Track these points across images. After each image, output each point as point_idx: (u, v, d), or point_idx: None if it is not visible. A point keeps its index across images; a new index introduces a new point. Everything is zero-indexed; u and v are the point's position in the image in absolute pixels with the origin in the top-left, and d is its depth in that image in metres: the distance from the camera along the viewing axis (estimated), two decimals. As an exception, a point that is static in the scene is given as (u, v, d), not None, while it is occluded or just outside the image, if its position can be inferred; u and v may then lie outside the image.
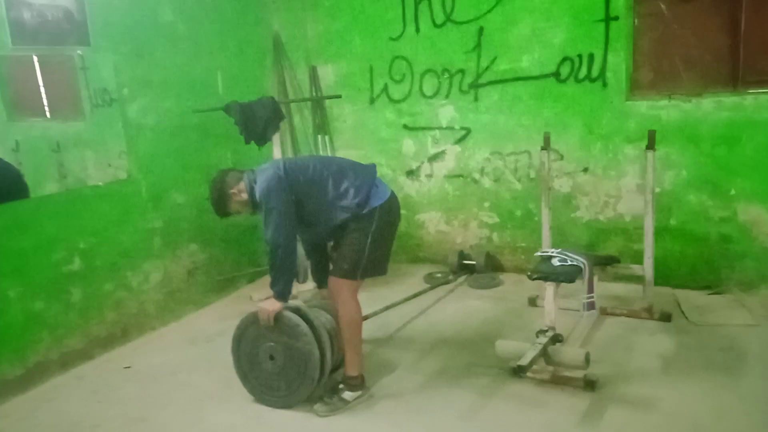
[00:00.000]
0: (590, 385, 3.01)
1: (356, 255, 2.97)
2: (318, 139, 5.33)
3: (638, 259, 3.88)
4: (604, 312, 3.91)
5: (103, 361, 3.78)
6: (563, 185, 4.57)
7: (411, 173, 5.19)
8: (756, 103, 3.94)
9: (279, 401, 3.05)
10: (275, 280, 2.93)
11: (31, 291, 3.49)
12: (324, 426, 2.89)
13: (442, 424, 2.85)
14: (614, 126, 4.34)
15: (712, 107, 4.05)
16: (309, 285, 4.10)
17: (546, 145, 3.97)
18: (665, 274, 4.16)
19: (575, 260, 3.29)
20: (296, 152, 5.46)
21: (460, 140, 4.93)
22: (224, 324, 3.93)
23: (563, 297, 3.41)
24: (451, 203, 5.10)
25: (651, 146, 3.66)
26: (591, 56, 4.32)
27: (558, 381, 3.09)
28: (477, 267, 4.86)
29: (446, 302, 4.42)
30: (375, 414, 2.97)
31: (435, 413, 2.93)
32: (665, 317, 3.77)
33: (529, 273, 3.26)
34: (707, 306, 3.96)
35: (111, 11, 3.91)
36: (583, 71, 4.36)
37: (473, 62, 4.73)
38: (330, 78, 5.30)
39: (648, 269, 3.79)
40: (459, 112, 4.88)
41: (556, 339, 3.16)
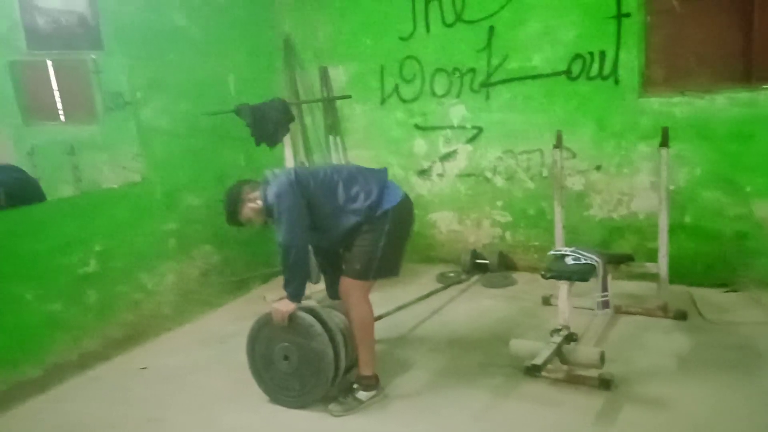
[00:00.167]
0: (605, 385, 2.99)
1: (369, 256, 2.98)
2: (329, 140, 5.35)
3: (653, 257, 3.86)
4: (619, 310, 3.89)
5: (120, 362, 3.82)
6: (576, 183, 4.56)
7: (423, 173, 5.19)
8: (770, 99, 3.91)
9: (293, 401, 3.06)
10: (288, 281, 2.94)
11: (48, 293, 3.54)
12: (338, 426, 2.90)
13: (456, 424, 2.84)
14: (627, 123, 4.32)
15: (726, 103, 4.02)
16: (322, 285, 4.10)
17: (558, 144, 3.95)
18: (680, 272, 4.12)
19: (589, 258, 3.27)
20: (307, 153, 5.48)
21: (472, 139, 4.92)
22: (238, 325, 3.95)
23: (577, 296, 3.39)
24: (464, 202, 5.09)
25: (664, 143, 3.64)
26: (603, 53, 4.30)
27: (573, 380, 3.08)
28: (490, 266, 4.85)
29: (459, 302, 4.42)
30: (389, 414, 2.97)
31: (449, 413, 2.93)
32: (680, 316, 3.74)
33: (543, 272, 3.25)
34: (723, 304, 3.93)
35: (124, 16, 3.95)
36: (595, 69, 4.35)
37: (484, 61, 4.72)
38: (341, 79, 5.31)
39: (662, 267, 3.76)
40: (470, 111, 4.88)
41: (571, 338, 3.15)
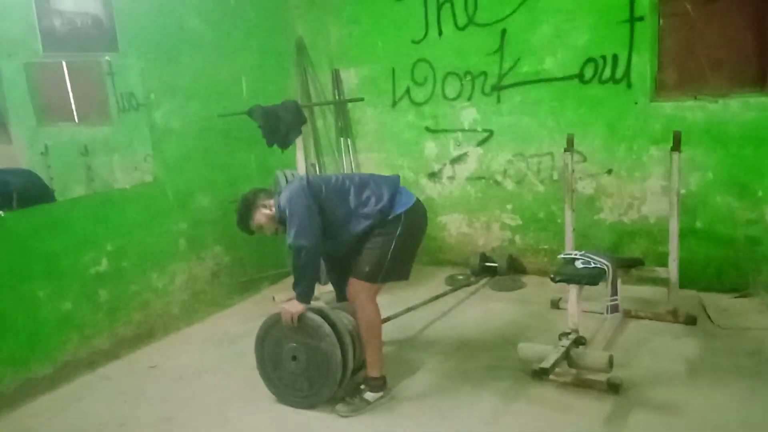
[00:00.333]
0: (614, 389, 2.98)
1: (378, 259, 2.98)
2: (340, 142, 5.37)
3: (663, 262, 3.84)
4: (628, 315, 3.88)
5: (130, 361, 3.84)
6: (587, 187, 4.54)
7: (433, 175, 5.19)
8: (784, 104, 3.88)
9: (302, 402, 3.07)
10: (297, 282, 2.96)
11: (60, 292, 3.57)
12: (346, 427, 2.91)
13: (464, 427, 2.84)
14: (639, 127, 4.30)
15: (739, 108, 3.99)
16: (330, 286, 4.12)
17: (569, 147, 3.95)
18: (690, 277, 4.10)
19: (599, 262, 3.26)
20: (318, 155, 5.50)
21: (483, 142, 4.92)
22: (248, 325, 3.97)
23: (586, 300, 3.38)
24: (473, 205, 5.09)
25: (676, 147, 3.62)
26: (615, 57, 4.29)
27: (581, 384, 3.07)
28: (499, 269, 4.84)
29: (468, 305, 4.42)
30: (397, 416, 2.97)
31: (457, 416, 2.93)
32: (690, 320, 3.72)
33: (552, 275, 3.25)
34: (733, 309, 3.90)
35: (138, 18, 3.98)
36: (607, 72, 4.33)
37: (496, 64, 4.72)
38: (352, 81, 5.33)
39: (673, 272, 3.74)
40: (481, 114, 4.88)
41: (580, 342, 3.14)
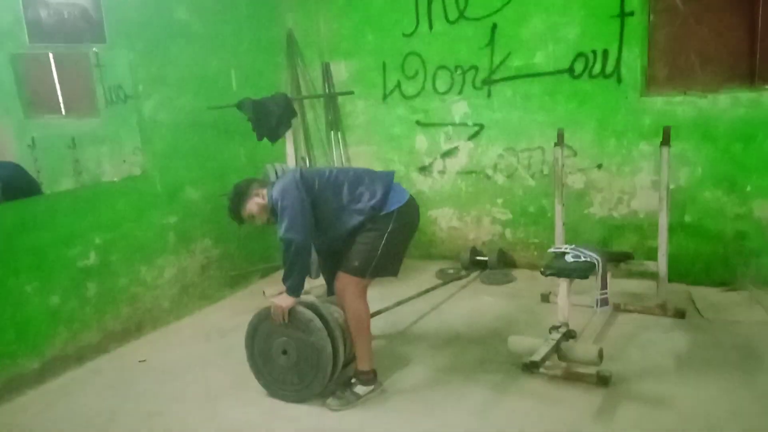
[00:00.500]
0: (603, 382, 3.00)
1: (368, 254, 2.98)
2: (330, 136, 5.35)
3: (652, 256, 3.86)
4: (618, 308, 3.90)
5: (119, 356, 3.82)
6: (577, 181, 4.56)
7: (423, 169, 5.19)
8: (773, 99, 3.91)
9: (292, 395, 3.07)
10: (287, 275, 2.95)
11: (48, 286, 3.54)
12: (337, 420, 2.91)
13: (455, 420, 2.85)
14: (629, 122, 4.32)
15: (729, 103, 4.01)
16: (322, 280, 4.11)
17: (560, 142, 3.96)
18: (679, 271, 4.14)
19: (589, 256, 3.27)
20: (309, 149, 5.48)
21: (473, 136, 4.92)
22: (238, 319, 3.95)
23: (576, 293, 3.39)
24: (464, 199, 5.09)
25: (666, 142, 3.64)
26: (605, 52, 4.30)
27: (571, 377, 3.09)
28: (489, 263, 4.86)
29: (459, 298, 4.42)
30: (387, 409, 2.98)
31: (448, 409, 2.94)
32: (679, 314, 3.75)
33: (542, 269, 3.26)
34: (722, 303, 3.94)
35: (127, 9, 3.94)
36: (598, 67, 4.34)
37: (486, 58, 4.71)
38: (343, 74, 5.30)
39: (662, 266, 3.77)
40: (472, 109, 4.87)
41: (569, 335, 3.16)
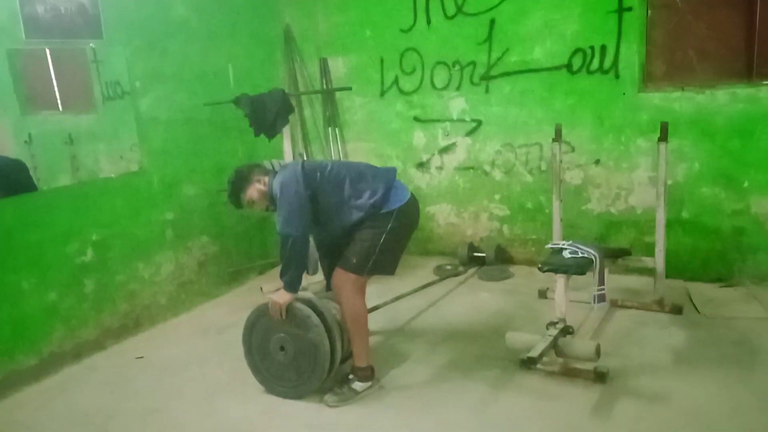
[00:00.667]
0: (601, 378, 3.00)
1: (367, 251, 2.97)
2: (328, 132, 5.34)
3: (650, 252, 3.86)
4: (615, 304, 3.90)
5: (116, 352, 3.82)
6: (574, 177, 4.55)
7: (421, 165, 5.18)
8: (771, 95, 3.90)
9: (289, 392, 3.07)
10: (284, 270, 2.94)
11: (45, 282, 3.53)
12: (335, 416, 2.91)
13: (452, 416, 2.85)
14: (626, 118, 4.31)
15: (727, 99, 4.01)
16: (319, 277, 4.11)
17: (557, 137, 3.95)
18: (677, 267, 4.14)
19: (586, 252, 3.27)
20: (306, 145, 5.47)
21: (471, 132, 4.91)
22: (235, 316, 3.95)
23: (574, 289, 3.39)
24: (462, 195, 5.09)
25: (663, 138, 3.63)
26: (603, 48, 4.29)
27: (568, 373, 3.09)
28: (487, 259, 4.86)
29: (456, 295, 4.42)
30: (385, 405, 2.98)
31: (446, 405, 2.94)
32: (676, 310, 3.75)
33: (540, 265, 3.26)
34: (719, 299, 3.94)
35: (124, 5, 3.92)
36: (596, 63, 4.34)
37: (484, 54, 4.71)
38: (340, 70, 5.29)
39: (659, 262, 3.77)
40: (470, 104, 4.87)
41: (567, 331, 3.16)
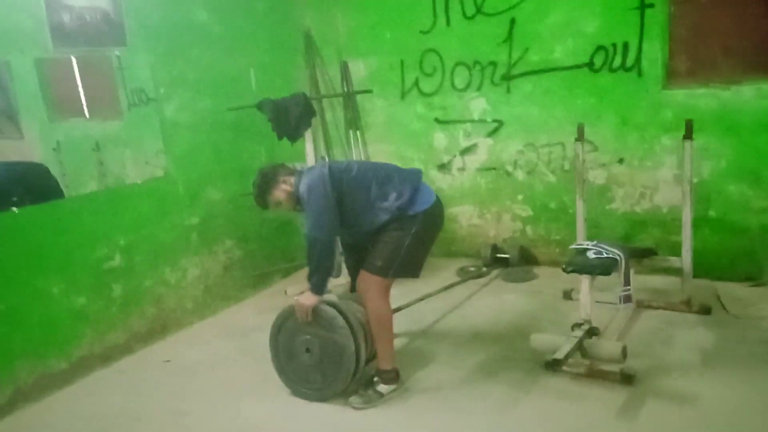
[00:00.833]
0: (627, 379, 2.97)
1: (392, 254, 2.97)
2: (349, 135, 5.36)
3: (676, 251, 3.81)
4: (641, 305, 3.86)
5: (144, 356, 3.87)
6: (598, 177, 4.51)
7: (443, 167, 5.18)
8: (799, 90, 3.84)
9: (314, 394, 3.08)
10: (312, 273, 2.97)
11: (74, 287, 3.59)
12: (360, 419, 2.91)
13: (478, 418, 2.84)
14: (650, 116, 4.26)
15: (752, 95, 3.95)
16: (343, 280, 4.13)
17: (580, 137, 3.92)
18: (704, 266, 4.06)
19: (611, 252, 3.24)
20: (328, 148, 5.49)
21: (493, 133, 4.90)
22: (260, 318, 3.98)
23: (599, 290, 3.36)
24: (484, 196, 5.07)
25: (688, 136, 3.58)
26: (625, 45, 4.25)
27: (594, 375, 3.06)
28: (511, 260, 4.83)
29: (480, 296, 4.41)
30: (410, 408, 2.98)
31: (471, 407, 2.93)
32: (704, 310, 3.70)
33: (564, 266, 3.24)
34: (748, 298, 3.88)
35: (147, 12, 3.98)
36: (618, 60, 4.30)
37: (505, 54, 4.69)
38: (361, 73, 5.31)
39: (686, 261, 3.72)
40: (491, 105, 4.85)
41: (592, 332, 3.13)
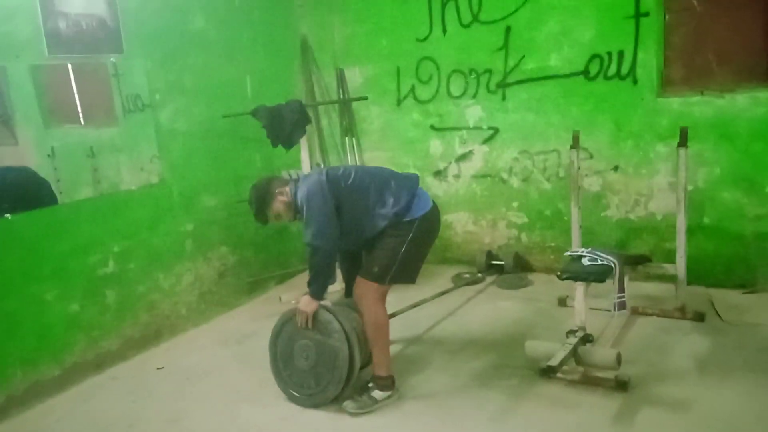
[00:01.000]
0: (622, 386, 2.97)
1: (388, 260, 2.97)
2: (345, 141, 5.36)
3: (671, 258, 3.82)
4: (636, 312, 3.86)
5: (137, 362, 3.85)
6: (593, 184, 4.52)
7: (438, 174, 5.18)
8: (792, 98, 3.86)
9: (307, 400, 3.07)
10: (312, 280, 2.98)
11: (68, 293, 3.58)
12: (355, 426, 2.90)
13: (473, 426, 2.84)
14: (645, 123, 4.28)
15: (747, 103, 3.97)
16: (338, 286, 4.12)
17: (575, 144, 3.94)
18: (698, 273, 4.07)
19: (605, 259, 3.25)
20: (323, 155, 5.50)
21: (488, 140, 4.91)
22: (254, 325, 3.98)
23: (593, 297, 3.36)
24: (479, 203, 5.07)
25: (683, 143, 3.60)
26: (621, 53, 4.27)
27: (589, 382, 3.06)
28: (506, 267, 4.83)
29: (475, 303, 4.41)
30: (405, 414, 2.97)
31: (465, 414, 2.93)
32: (699, 317, 3.70)
33: (559, 273, 3.24)
34: (742, 305, 3.88)
35: (143, 19, 3.98)
36: (613, 69, 4.32)
37: (501, 62, 4.70)
38: (357, 80, 5.32)
39: (680, 268, 3.72)
40: (486, 112, 4.86)
41: (587, 339, 3.13)
